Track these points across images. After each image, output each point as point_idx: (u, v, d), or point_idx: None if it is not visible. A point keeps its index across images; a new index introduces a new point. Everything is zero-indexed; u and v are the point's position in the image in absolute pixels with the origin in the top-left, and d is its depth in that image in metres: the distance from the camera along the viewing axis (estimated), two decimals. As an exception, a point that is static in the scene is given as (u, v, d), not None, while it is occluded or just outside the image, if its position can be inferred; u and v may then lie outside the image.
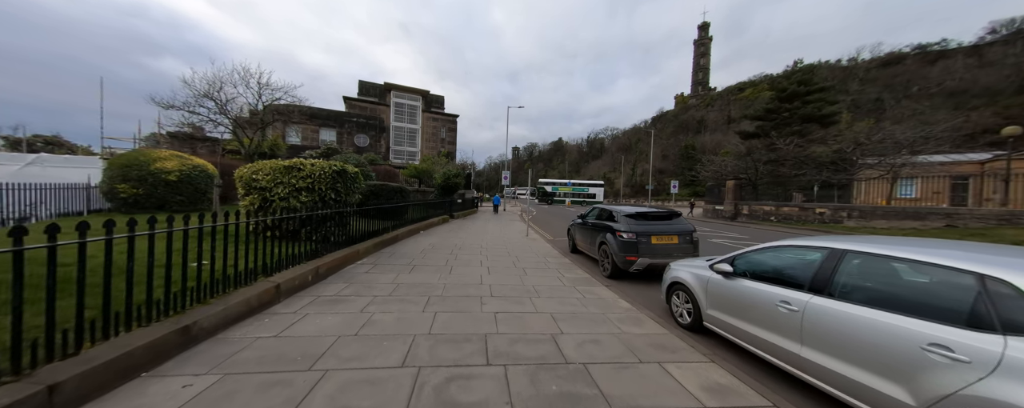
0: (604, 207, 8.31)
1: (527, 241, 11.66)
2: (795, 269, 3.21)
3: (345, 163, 7.86)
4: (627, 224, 6.77)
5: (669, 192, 64.34)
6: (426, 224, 13.68)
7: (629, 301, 5.23)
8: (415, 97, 47.22)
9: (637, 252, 6.45)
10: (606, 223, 7.53)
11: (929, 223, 16.78)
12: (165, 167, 9.40)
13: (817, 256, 3.05)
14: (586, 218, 9.09)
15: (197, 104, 13.87)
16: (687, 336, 3.97)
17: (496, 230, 14.79)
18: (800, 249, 3.31)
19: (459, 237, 11.87)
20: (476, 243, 10.68)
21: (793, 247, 3.39)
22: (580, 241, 9.24)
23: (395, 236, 9.86)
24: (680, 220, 7.02)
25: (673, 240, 6.61)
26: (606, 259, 7.17)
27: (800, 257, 3.28)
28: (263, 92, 16.06)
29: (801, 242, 3.34)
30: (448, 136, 50.90)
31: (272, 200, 6.42)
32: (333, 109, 40.55)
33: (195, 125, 14.26)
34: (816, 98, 26.52)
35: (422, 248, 9.24)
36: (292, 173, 6.46)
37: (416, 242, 10.22)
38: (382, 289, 5.25)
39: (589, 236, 8.45)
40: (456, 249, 9.36)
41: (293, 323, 3.78)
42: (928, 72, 63.64)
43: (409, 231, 11.21)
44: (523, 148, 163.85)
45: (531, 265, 7.66)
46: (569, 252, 9.94)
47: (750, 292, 3.41)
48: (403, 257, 7.82)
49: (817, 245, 3.12)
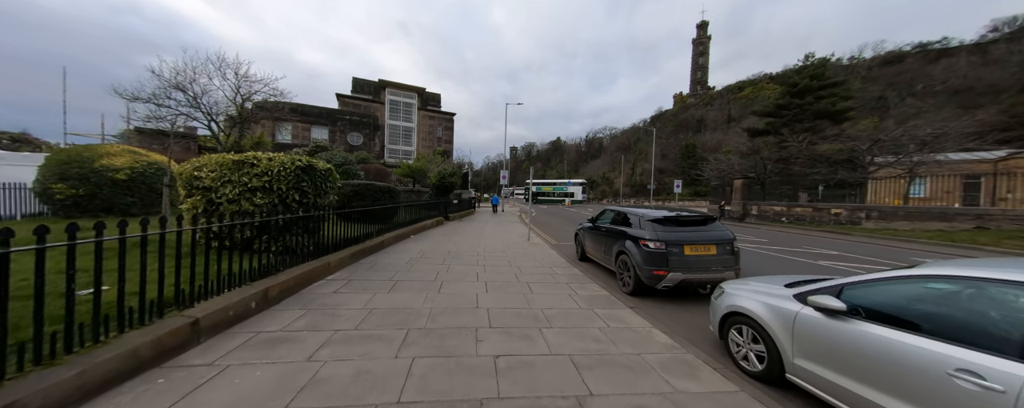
0: (619, 210, 7.14)
1: (529, 246, 10.49)
2: (976, 316, 2.04)
3: (315, 159, 6.66)
4: (653, 231, 5.61)
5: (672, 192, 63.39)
6: (418, 227, 12.48)
7: (666, 331, 4.06)
8: (410, 94, 45.95)
9: (667, 265, 5.29)
10: (624, 229, 6.37)
11: (957, 224, 15.73)
12: (113, 164, 8.15)
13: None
14: (598, 222, 7.92)
15: (165, 96, 12.60)
16: (766, 394, 2.81)
17: (495, 233, 13.62)
18: (977, 283, 2.12)
19: (454, 242, 10.68)
20: (472, 249, 9.50)
21: (957, 278, 2.20)
22: (591, 248, 8.08)
23: (380, 243, 8.66)
24: (716, 226, 5.86)
25: (710, 250, 5.45)
26: (626, 272, 6.01)
27: (983, 297, 2.09)
28: (241, 84, 14.80)
29: (974, 271, 2.15)
30: (445, 135, 49.67)
31: (219, 203, 5.21)
32: (325, 106, 39.25)
33: (163, 118, 12.98)
34: (829, 93, 25.43)
35: (410, 257, 8.04)
36: (243, 169, 5.25)
37: (404, 249, 9.02)
38: (348, 319, 4.06)
39: (602, 243, 7.28)
40: (449, 257, 8.17)
41: (197, 386, 2.58)
42: (930, 70, 62.93)
43: (397, 236, 10.01)
44: (521, 148, 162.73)
45: (536, 278, 6.48)
46: (578, 260, 8.78)
47: (886, 346, 2.24)
48: (385, 269, 6.62)
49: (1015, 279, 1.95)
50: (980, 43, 63.29)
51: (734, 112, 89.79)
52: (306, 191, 5.79)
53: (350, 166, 14.05)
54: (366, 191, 10.53)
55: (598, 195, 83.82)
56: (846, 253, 10.88)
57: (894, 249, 12.28)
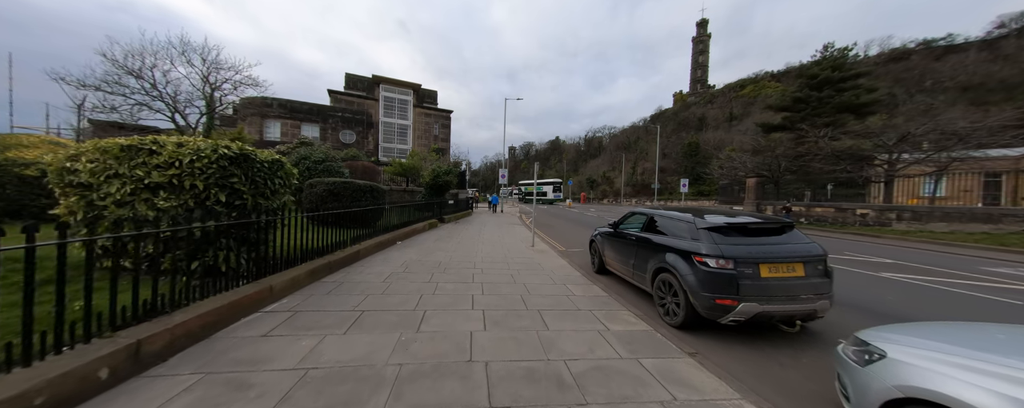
0: (654, 213, 5.63)
1: (534, 255, 8.97)
2: None
3: (278, 154, 5.10)
4: (713, 243, 4.09)
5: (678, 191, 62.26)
6: (407, 231, 10.95)
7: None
8: (406, 91, 44.36)
9: (737, 292, 3.78)
10: (666, 240, 4.86)
11: (1004, 227, 14.26)
12: (21, 157, 6.58)
13: None
14: (622, 228, 6.41)
15: (117, 82, 11.01)
16: None
17: (494, 237, 12.10)
18: None
19: (447, 249, 9.15)
20: (468, 259, 7.98)
21: None
22: (613, 260, 6.55)
23: (355, 253, 7.12)
24: (796, 235, 4.33)
25: (795, 271, 3.93)
26: (670, 297, 4.50)
27: None
28: (211, 72, 13.22)
29: None
30: (441, 133, 48.11)
31: (104, 205, 3.66)
32: (315, 102, 37.62)
33: (116, 109, 11.40)
34: (851, 85, 23.90)
35: (391, 270, 6.51)
36: (138, 159, 3.71)
37: (386, 260, 7.48)
38: (263, 394, 2.52)
39: (630, 255, 5.76)
40: (439, 271, 6.64)
41: None
42: (937, 67, 61.81)
43: (379, 244, 8.47)
44: (520, 147, 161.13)
45: (549, 302, 4.96)
46: (594, 273, 7.28)
47: None
48: (352, 291, 5.09)
49: None
50: (987, 39, 62.19)
51: (736, 110, 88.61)
52: (239, 190, 4.25)
53: (331, 163, 12.50)
54: (343, 191, 8.99)
55: (599, 195, 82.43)
56: (901, 261, 9.40)
57: (949, 255, 10.80)
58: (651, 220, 5.54)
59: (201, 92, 13.46)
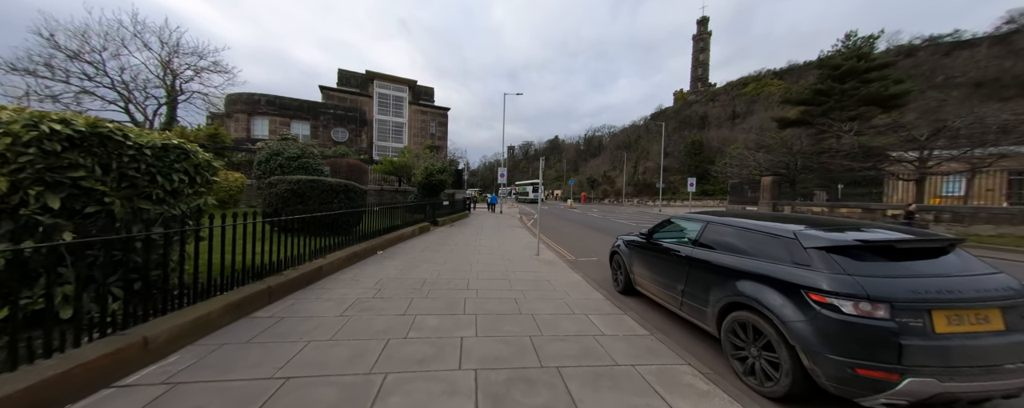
0: (717, 220, 4.09)
1: (541, 267, 7.43)
2: None
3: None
4: (840, 271, 2.57)
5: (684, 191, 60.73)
6: (393, 238, 9.41)
7: None
8: (401, 87, 42.78)
9: (899, 358, 2.25)
10: (742, 262, 3.34)
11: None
12: None
13: None
14: (659, 238, 4.89)
15: (45, 62, 9.42)
16: None
17: (493, 243, 10.56)
18: None
19: (436, 261, 7.60)
20: (460, 274, 6.43)
21: None
22: (647, 281, 5.01)
23: (318, 269, 5.57)
24: (969, 260, 2.79)
25: (991, 321, 2.40)
26: (754, 347, 2.98)
27: None
28: (171, 57, 11.65)
29: None
30: (438, 131, 46.52)
31: None
32: (306, 99, 36.02)
33: (58, 97, 9.83)
34: (878, 76, 22.36)
35: (357, 296, 4.96)
36: None
37: (355, 278, 5.93)
38: None
39: (676, 277, 4.23)
40: (420, 296, 5.09)
41: None
42: (946, 63, 60.48)
43: (352, 255, 6.93)
44: (519, 147, 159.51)
45: (573, 351, 3.42)
46: (619, 293, 5.76)
47: None
48: (287, 336, 3.54)
49: None
50: (997, 35, 60.91)
51: (739, 108, 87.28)
52: (88, 188, 2.70)
53: (309, 160, 10.93)
54: (309, 191, 7.44)
55: (599, 194, 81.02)
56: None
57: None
58: (712, 230, 4.01)
59: (161, 80, 11.88)
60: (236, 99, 33.88)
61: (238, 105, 33.56)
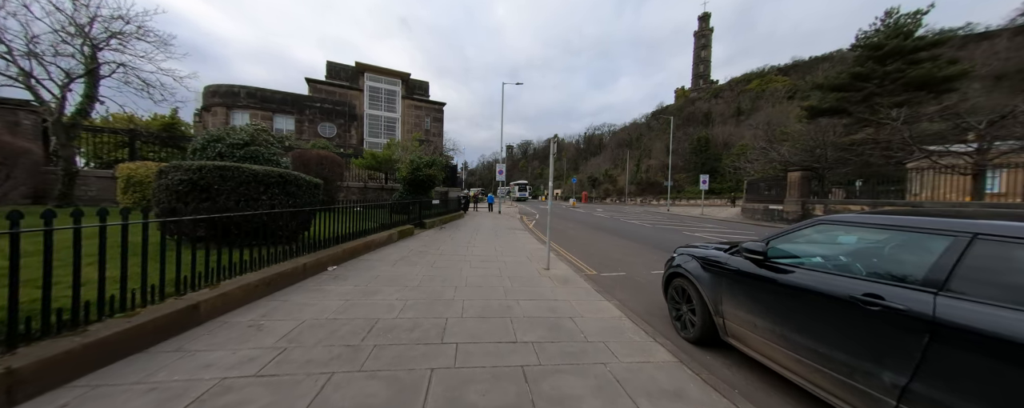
0: (996, 233, 1.82)
1: (555, 288, 5.15)
2: None
3: None
4: None
5: (688, 189, 58.22)
6: (355, 247, 7.14)
7: None
8: (393, 80, 40.48)
9: None
10: None
11: None
12: None
13: None
14: (793, 263, 2.64)
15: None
16: None
17: (488, 252, 8.29)
18: None
19: (408, 281, 5.33)
20: (437, 306, 4.16)
21: None
22: (767, 335, 2.75)
23: (190, 310, 3.30)
24: None
25: None
26: None
27: None
28: (87, 22, 9.33)
29: None
30: (434, 127, 44.21)
31: None
32: (290, 92, 33.69)
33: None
34: (928, 55, 20.04)
35: (212, 380, 2.69)
36: None
37: (258, 323, 3.65)
38: None
39: (893, 358, 1.95)
40: (350, 365, 2.80)
41: None
42: (961, 56, 58.47)
43: (276, 277, 4.65)
44: (517, 146, 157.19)
45: None
46: (688, 341, 3.52)
47: None
48: None
49: None
50: (1012, 27, 58.89)
51: (744, 105, 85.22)
52: None
53: (261, 148, 8.61)
54: (220, 182, 5.13)
55: (601, 193, 78.86)
56: None
57: None
58: (996, 255, 1.74)
59: (79, 52, 9.57)
60: (214, 91, 31.61)
61: (216, 98, 31.31)
